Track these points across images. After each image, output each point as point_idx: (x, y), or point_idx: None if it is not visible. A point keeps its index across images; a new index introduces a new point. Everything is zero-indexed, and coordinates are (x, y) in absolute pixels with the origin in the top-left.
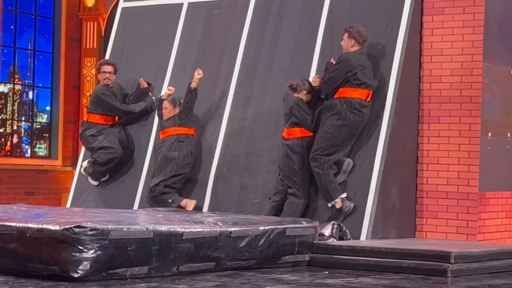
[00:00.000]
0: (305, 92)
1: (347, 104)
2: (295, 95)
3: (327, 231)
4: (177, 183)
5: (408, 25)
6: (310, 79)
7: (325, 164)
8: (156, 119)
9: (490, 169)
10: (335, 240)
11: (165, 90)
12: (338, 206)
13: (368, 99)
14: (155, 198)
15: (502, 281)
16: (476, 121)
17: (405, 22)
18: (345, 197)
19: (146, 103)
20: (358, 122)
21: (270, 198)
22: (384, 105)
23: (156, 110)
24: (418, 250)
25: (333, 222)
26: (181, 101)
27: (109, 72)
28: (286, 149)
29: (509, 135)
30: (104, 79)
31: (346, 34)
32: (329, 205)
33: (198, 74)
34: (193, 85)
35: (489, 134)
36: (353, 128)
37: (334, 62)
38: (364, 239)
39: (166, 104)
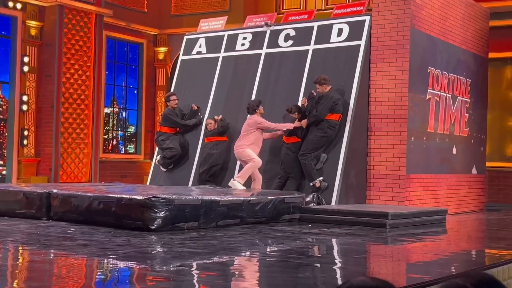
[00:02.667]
0: (296, 113)
1: (327, 123)
2: (291, 115)
3: (310, 199)
4: (216, 171)
5: (361, 70)
6: (299, 103)
7: (309, 158)
8: (203, 130)
9: (413, 160)
10: (315, 205)
11: (208, 112)
12: (317, 185)
13: (340, 119)
14: (201, 182)
15: (420, 230)
16: (404, 130)
17: (359, 68)
18: (322, 179)
19: (196, 119)
20: (333, 135)
21: (278, 178)
22: (346, 120)
23: (204, 126)
24: (367, 211)
25: (313, 193)
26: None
27: (176, 100)
28: (286, 150)
29: (424, 138)
30: (174, 104)
31: (318, 84)
32: (311, 184)
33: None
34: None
35: (412, 138)
36: (329, 138)
37: (314, 93)
38: (333, 204)
39: (210, 121)
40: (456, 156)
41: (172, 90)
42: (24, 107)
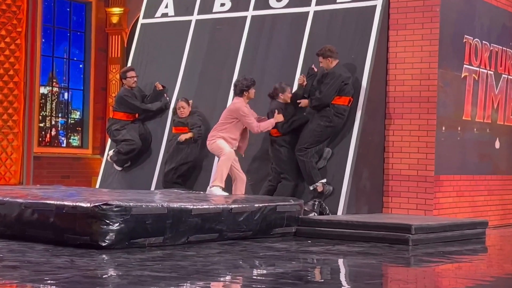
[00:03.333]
0: (288, 91)
1: (334, 109)
2: (281, 96)
3: (310, 207)
4: (186, 169)
5: (377, 39)
6: (296, 81)
7: (309, 153)
8: (169, 116)
9: (444, 157)
10: (316, 215)
11: (177, 93)
12: (319, 189)
13: (349, 104)
14: (168, 184)
15: (453, 248)
16: (432, 117)
17: (374, 36)
18: (325, 182)
19: (161, 103)
20: (341, 124)
21: (268, 181)
22: (357, 105)
23: (172, 111)
24: (384, 223)
25: (314, 199)
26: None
27: (136, 76)
28: (275, 144)
29: (459, 128)
30: (133, 83)
31: (321, 57)
32: (311, 187)
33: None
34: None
35: (443, 128)
36: (335, 129)
37: (315, 69)
38: (340, 214)
39: (183, 104)
40: (499, 151)
41: (129, 64)
42: None
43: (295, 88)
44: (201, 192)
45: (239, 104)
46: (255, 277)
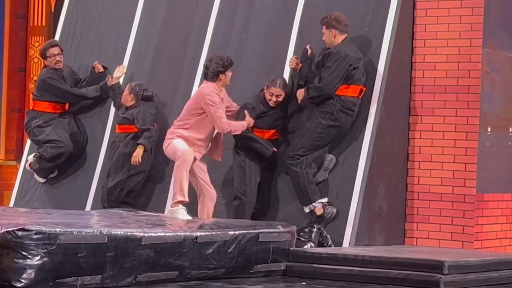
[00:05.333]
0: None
1: (340, 103)
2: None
3: (305, 236)
4: (137, 183)
5: (399, 5)
6: (287, 62)
7: (304, 162)
8: (113, 108)
9: (489, 168)
10: (313, 246)
11: (123, 78)
12: (318, 212)
13: (361, 95)
14: (112, 204)
15: None
16: (475, 114)
17: (396, 2)
18: (326, 202)
19: (101, 88)
20: (349, 123)
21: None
22: (371, 96)
23: (112, 98)
24: (407, 259)
25: (312, 225)
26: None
27: (58, 54)
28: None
29: (511, 130)
30: (55, 63)
31: (324, 27)
32: (307, 209)
33: (119, 71)
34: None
35: (489, 129)
36: (342, 129)
37: (311, 50)
38: (347, 246)
39: (126, 92)
40: None
41: (57, 36)
42: None
43: (286, 70)
44: (159, 214)
45: (207, 89)
46: None
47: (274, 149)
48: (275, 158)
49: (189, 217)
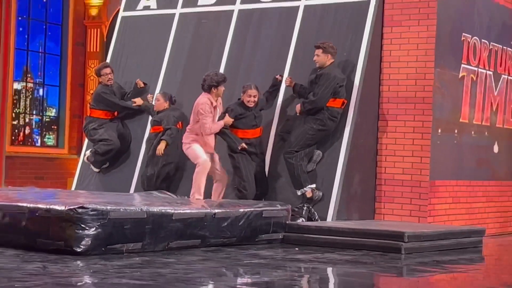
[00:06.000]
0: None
1: (328, 112)
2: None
3: (297, 211)
4: (169, 172)
5: (370, 36)
6: (283, 83)
7: (298, 156)
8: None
9: (439, 161)
10: (304, 220)
11: (158, 89)
12: (308, 195)
13: (343, 106)
14: (150, 188)
15: (449, 257)
16: (428, 119)
17: (368, 33)
18: (314, 187)
19: (143, 106)
20: (333, 127)
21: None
22: (349, 106)
23: (146, 111)
24: (376, 230)
25: (303, 204)
26: (173, 97)
27: (110, 73)
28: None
29: (456, 131)
30: (107, 80)
31: (321, 50)
32: (299, 193)
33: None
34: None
35: (439, 131)
36: (329, 132)
37: (279, 78)
38: (330, 220)
39: (158, 96)
40: (498, 156)
41: (108, 59)
42: None
43: (282, 86)
44: (186, 197)
45: (201, 100)
46: (239, 286)
47: (243, 145)
48: (263, 154)
49: None
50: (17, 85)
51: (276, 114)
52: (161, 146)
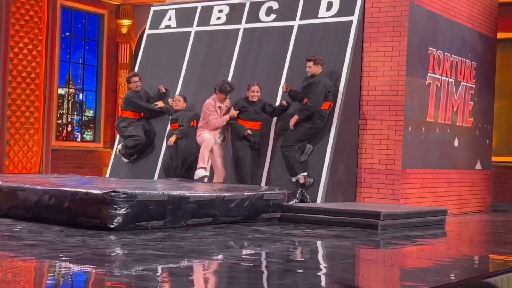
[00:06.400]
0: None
1: (317, 113)
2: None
3: (292, 195)
4: (191, 162)
5: (353, 50)
6: (281, 87)
7: (292, 149)
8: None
9: (409, 153)
10: (297, 202)
11: (178, 92)
12: (301, 181)
13: (330, 108)
14: (177, 176)
15: (417, 233)
16: (400, 119)
17: (351, 47)
18: (306, 175)
19: (165, 108)
20: (322, 125)
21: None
22: (335, 108)
23: (166, 112)
24: (357, 210)
25: (296, 188)
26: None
27: (138, 81)
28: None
29: (423, 128)
30: (136, 87)
31: (312, 62)
32: (293, 179)
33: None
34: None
35: (409, 128)
36: (318, 129)
37: (285, 104)
38: (319, 202)
39: (179, 98)
40: (458, 149)
41: (136, 69)
42: None
43: (279, 92)
44: (198, 182)
45: (207, 101)
46: (244, 257)
47: (249, 131)
48: (259, 144)
49: (206, 173)
50: (61, 91)
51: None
52: (172, 139)
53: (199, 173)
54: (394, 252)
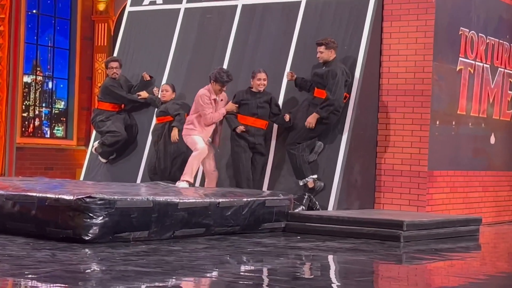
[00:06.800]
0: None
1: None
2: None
3: (298, 199)
4: (182, 162)
5: (370, 30)
6: (285, 74)
7: (300, 148)
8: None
9: (437, 152)
10: (304, 208)
11: (164, 82)
12: (310, 185)
13: (345, 100)
14: (165, 177)
15: (446, 245)
16: (426, 111)
17: (368, 28)
18: (316, 178)
19: (149, 99)
20: (335, 120)
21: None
22: (349, 98)
23: (152, 104)
24: (376, 219)
25: (304, 193)
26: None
27: (116, 68)
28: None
29: (453, 123)
30: (112, 74)
31: (323, 47)
32: (301, 183)
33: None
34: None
35: (437, 122)
36: (330, 125)
37: (287, 118)
38: (331, 209)
39: (166, 87)
40: (495, 147)
41: (115, 53)
42: None
43: (284, 80)
44: (190, 187)
45: (201, 92)
46: (242, 274)
47: (241, 127)
48: (258, 145)
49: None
50: (26, 78)
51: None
52: (175, 133)
53: (181, 185)
54: (419, 269)
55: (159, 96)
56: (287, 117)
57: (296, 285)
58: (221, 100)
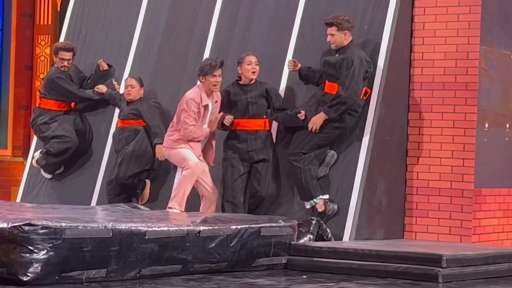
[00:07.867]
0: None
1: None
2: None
3: (305, 229)
4: (147, 177)
5: (398, 4)
6: (287, 62)
7: (307, 159)
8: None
9: (487, 164)
10: (312, 237)
11: (127, 73)
12: (320, 208)
13: (366, 97)
14: (120, 190)
15: (498, 286)
16: (472, 110)
17: (395, 2)
18: (327, 199)
19: (108, 94)
20: (353, 123)
21: (251, 197)
22: (371, 93)
23: (112, 102)
24: (406, 253)
25: (311, 218)
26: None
27: (68, 60)
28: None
29: (507, 125)
30: (61, 66)
31: (335, 28)
32: (308, 205)
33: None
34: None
35: (486, 125)
36: (346, 129)
37: (301, 117)
38: (347, 239)
39: (132, 81)
40: None
41: (63, 34)
42: None
43: (285, 71)
44: (161, 210)
45: (188, 93)
46: None
47: (229, 116)
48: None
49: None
50: None
51: None
52: (160, 151)
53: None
54: None
55: (120, 92)
56: (302, 114)
57: None
58: (215, 102)
